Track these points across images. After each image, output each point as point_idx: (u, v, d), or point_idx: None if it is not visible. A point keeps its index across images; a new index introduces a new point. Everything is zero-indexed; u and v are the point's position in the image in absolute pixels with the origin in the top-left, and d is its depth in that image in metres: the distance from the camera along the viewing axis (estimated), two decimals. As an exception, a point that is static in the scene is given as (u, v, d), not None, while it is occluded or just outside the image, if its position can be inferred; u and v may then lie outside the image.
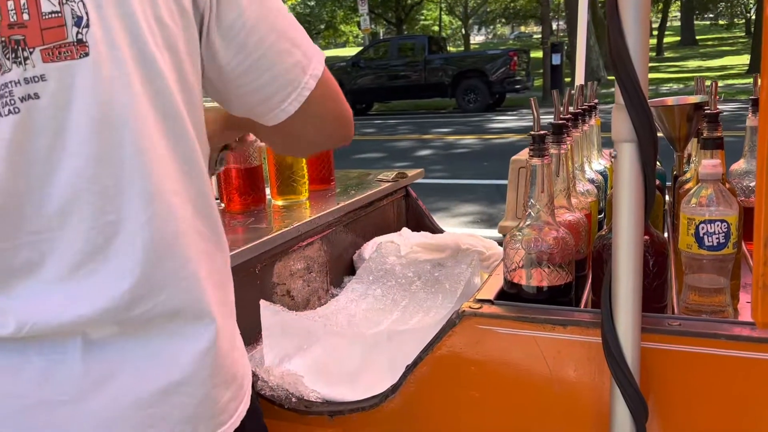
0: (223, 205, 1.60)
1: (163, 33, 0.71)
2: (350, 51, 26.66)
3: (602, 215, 1.37)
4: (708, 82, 1.34)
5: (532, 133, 1.00)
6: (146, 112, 0.69)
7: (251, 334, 1.28)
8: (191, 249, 0.75)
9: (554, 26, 24.19)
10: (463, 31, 33.56)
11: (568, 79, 14.01)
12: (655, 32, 28.89)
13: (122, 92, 0.67)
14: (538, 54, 17.67)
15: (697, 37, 32.32)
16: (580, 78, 2.44)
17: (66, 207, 0.68)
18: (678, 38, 32.59)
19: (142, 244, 0.70)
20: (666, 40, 30.43)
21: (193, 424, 0.76)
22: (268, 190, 1.69)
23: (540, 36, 19.74)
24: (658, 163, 1.31)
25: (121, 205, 0.69)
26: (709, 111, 1.15)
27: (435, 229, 1.99)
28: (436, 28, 34.16)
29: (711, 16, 39.76)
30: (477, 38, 48.94)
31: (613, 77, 0.77)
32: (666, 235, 1.38)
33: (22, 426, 0.71)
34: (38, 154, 0.66)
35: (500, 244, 1.60)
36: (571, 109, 1.32)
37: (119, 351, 0.72)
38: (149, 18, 0.69)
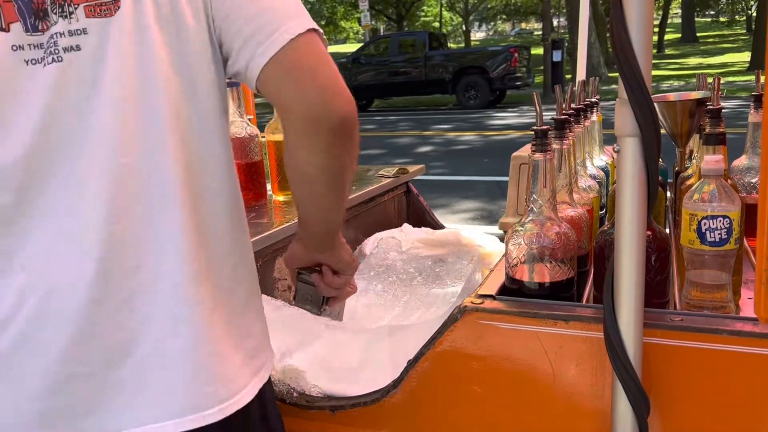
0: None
1: None
2: (350, 47, 26.62)
3: (604, 211, 1.37)
4: (710, 79, 1.34)
5: (535, 128, 1.00)
6: (168, 69, 0.74)
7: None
8: (187, 206, 0.77)
9: (555, 23, 24.16)
10: (464, 27, 33.50)
11: (568, 76, 13.99)
12: (655, 29, 28.82)
13: (146, 47, 0.73)
14: (538, 51, 17.63)
15: (698, 35, 32.23)
16: (581, 74, 2.43)
17: (91, 155, 0.72)
18: (679, 35, 32.51)
19: (144, 190, 0.75)
20: (667, 37, 30.36)
21: (210, 385, 0.78)
22: (269, 186, 1.69)
23: (541, 33, 19.71)
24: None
25: (137, 150, 0.74)
26: (711, 107, 1.14)
27: (436, 225, 1.98)
28: (436, 24, 34.10)
29: (712, 13, 39.70)
30: (477, 35, 48.87)
31: (613, 74, 0.77)
32: (667, 231, 1.38)
33: (51, 397, 0.74)
34: (76, 104, 0.71)
35: (501, 240, 1.60)
36: (572, 105, 1.32)
37: (135, 318, 0.75)
38: None
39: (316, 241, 0.97)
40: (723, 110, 1.15)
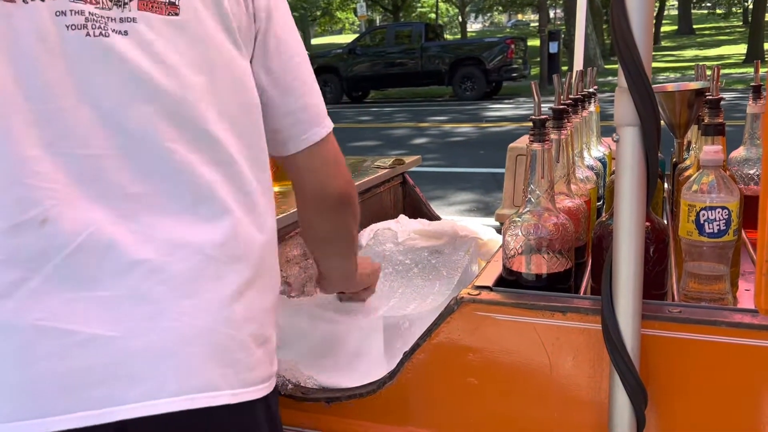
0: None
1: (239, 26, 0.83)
2: (346, 38, 26.51)
3: (601, 202, 1.36)
4: (709, 72, 1.33)
5: (533, 117, 0.99)
6: (214, 83, 0.80)
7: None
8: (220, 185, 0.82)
9: (551, 14, 24.10)
10: (460, 18, 33.35)
11: (565, 68, 13.96)
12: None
13: (197, 57, 0.78)
14: (535, 42, 17.58)
15: (694, 26, 32.20)
16: (578, 65, 2.42)
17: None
18: (675, 27, 32.48)
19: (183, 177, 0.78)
20: (663, 29, 30.34)
21: (227, 368, 0.78)
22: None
23: (537, 24, 19.66)
24: (657, 150, 1.30)
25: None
26: (710, 97, 1.14)
27: (432, 217, 1.98)
28: (432, 15, 33.97)
29: (708, 5, 39.67)
30: (474, 26, 48.77)
31: (609, 66, 0.76)
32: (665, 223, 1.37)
33: (74, 361, 0.72)
34: (113, 82, 0.74)
35: (498, 231, 1.59)
36: (570, 95, 1.31)
37: (163, 290, 0.75)
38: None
39: (335, 286, 1.26)
40: (723, 100, 1.14)
